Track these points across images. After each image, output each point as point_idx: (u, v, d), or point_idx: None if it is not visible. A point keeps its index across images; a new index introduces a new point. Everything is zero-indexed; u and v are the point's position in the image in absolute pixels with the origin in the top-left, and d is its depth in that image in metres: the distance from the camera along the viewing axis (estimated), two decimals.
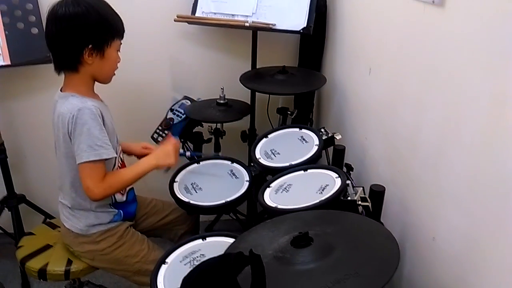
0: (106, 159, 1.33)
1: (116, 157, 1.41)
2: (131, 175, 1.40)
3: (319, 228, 1.02)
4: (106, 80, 1.42)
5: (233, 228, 2.09)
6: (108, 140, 1.33)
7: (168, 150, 1.48)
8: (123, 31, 1.39)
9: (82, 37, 1.30)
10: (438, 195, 1.14)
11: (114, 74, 1.43)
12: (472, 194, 0.99)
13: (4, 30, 1.81)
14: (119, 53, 1.41)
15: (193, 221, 1.74)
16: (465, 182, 1.02)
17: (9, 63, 1.81)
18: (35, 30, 1.86)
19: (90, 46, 1.31)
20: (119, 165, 1.47)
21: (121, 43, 1.40)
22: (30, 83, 2.10)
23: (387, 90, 1.44)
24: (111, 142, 1.36)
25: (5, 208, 2.08)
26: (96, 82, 1.42)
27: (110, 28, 1.35)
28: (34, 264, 1.48)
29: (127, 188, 1.52)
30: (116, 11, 1.38)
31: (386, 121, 1.45)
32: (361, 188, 1.25)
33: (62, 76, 1.39)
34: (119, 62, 1.42)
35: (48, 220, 1.79)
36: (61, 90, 1.39)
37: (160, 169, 1.49)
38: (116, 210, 1.48)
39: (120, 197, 1.49)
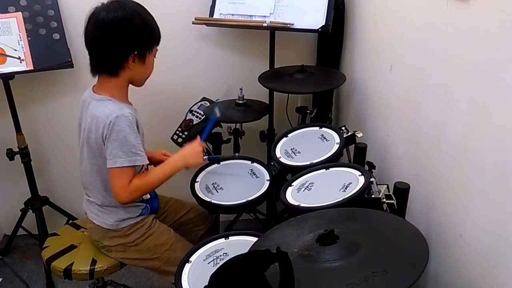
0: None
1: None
2: (157, 177, 1.42)
3: (344, 226, 1.01)
4: (141, 84, 1.45)
5: (252, 227, 2.09)
6: (142, 147, 1.36)
7: (198, 149, 1.50)
8: (160, 36, 1.41)
9: (129, 43, 1.32)
10: (464, 191, 1.11)
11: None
12: (500, 189, 0.97)
13: (27, 36, 1.84)
14: (155, 58, 1.43)
15: (212, 222, 1.75)
16: (492, 177, 1.00)
17: (31, 68, 1.85)
18: (56, 36, 1.90)
19: (135, 52, 1.33)
20: (145, 170, 1.49)
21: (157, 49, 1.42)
22: (51, 88, 2.14)
23: (410, 87, 1.42)
24: (144, 147, 1.38)
25: (30, 210, 2.13)
26: None
27: (153, 34, 1.37)
28: (60, 264, 1.50)
29: None
30: None
31: (408, 117, 1.43)
32: (386, 186, 1.24)
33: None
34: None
35: (71, 221, 1.82)
36: (93, 90, 1.40)
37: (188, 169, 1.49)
38: (144, 204, 1.52)
39: (145, 195, 1.52)
